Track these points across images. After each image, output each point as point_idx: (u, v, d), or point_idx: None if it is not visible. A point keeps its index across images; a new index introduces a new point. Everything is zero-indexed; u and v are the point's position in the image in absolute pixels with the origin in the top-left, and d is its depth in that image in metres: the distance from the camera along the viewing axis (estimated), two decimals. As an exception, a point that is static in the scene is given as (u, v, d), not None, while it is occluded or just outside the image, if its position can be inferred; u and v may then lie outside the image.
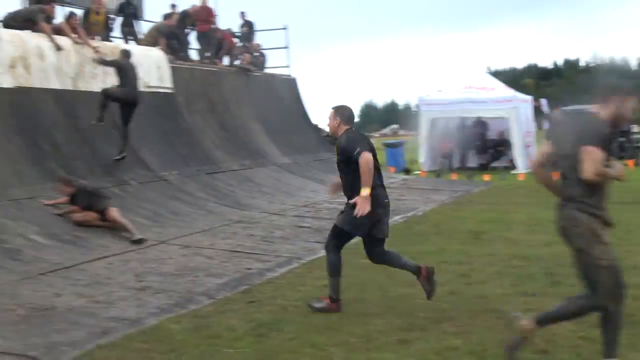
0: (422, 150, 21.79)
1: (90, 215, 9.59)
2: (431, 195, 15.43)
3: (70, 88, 12.25)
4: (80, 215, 9.56)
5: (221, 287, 7.40)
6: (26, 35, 11.91)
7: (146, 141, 13.32)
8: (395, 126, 64.35)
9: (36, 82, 11.59)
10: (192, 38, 18.15)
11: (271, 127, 18.09)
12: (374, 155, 6.18)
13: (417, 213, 12.70)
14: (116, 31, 16.10)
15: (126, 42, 15.71)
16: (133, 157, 12.66)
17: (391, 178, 18.73)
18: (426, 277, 6.25)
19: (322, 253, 9.07)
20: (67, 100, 12.04)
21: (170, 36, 15.78)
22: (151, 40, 15.51)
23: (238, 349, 5.35)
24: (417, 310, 6.26)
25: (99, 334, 5.83)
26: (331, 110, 6.42)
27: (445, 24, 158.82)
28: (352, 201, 6.08)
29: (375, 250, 6.34)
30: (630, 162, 20.00)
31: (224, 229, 10.65)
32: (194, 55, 18.06)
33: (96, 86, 12.50)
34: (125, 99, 12.06)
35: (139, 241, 9.30)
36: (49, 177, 10.60)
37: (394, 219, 11.84)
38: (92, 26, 14.03)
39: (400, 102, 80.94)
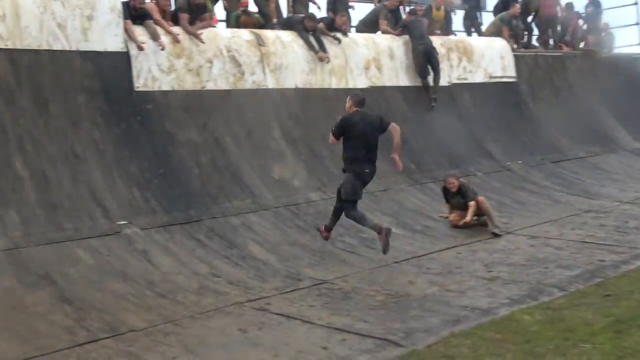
0: None
1: (459, 214, 9.79)
2: None
3: (419, 84, 12.79)
4: (454, 216, 9.85)
5: (573, 279, 7.19)
6: (377, 37, 12.74)
7: (490, 132, 13.40)
8: None
9: (386, 80, 12.32)
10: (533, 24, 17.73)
11: (621, 110, 17.00)
12: (370, 134, 8.09)
13: None
14: (458, 25, 16.38)
15: (469, 35, 15.93)
16: (477, 148, 12.84)
17: None
18: (383, 236, 7.88)
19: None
20: (414, 96, 12.58)
21: (513, 24, 15.65)
22: (494, 30, 15.50)
23: (596, 345, 5.18)
24: None
25: (452, 322, 6.00)
26: (348, 96, 8.45)
27: None
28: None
29: (342, 207, 8.24)
30: None
31: (573, 218, 10.30)
32: (536, 42, 17.67)
33: (443, 80, 12.95)
34: (421, 52, 12.58)
35: (496, 235, 9.35)
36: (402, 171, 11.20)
37: None
38: (433, 22, 14.46)
39: None
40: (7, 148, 7.62)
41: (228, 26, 11.57)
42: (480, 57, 14.14)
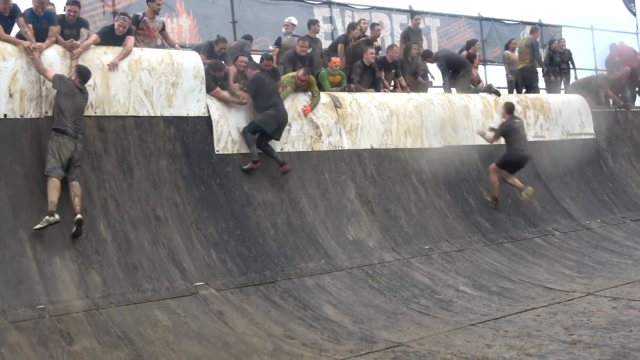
0: None
1: None
2: None
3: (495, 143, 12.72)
4: None
5: (656, 345, 6.96)
6: (453, 96, 12.87)
7: (568, 190, 13.24)
8: None
9: (462, 139, 12.34)
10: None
11: None
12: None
13: None
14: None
15: (548, 91, 15.85)
16: (555, 207, 12.65)
17: None
18: (284, 170, 9.73)
19: None
20: (490, 155, 12.51)
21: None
22: (584, 84, 15.42)
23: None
24: None
25: (531, 388, 5.92)
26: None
27: None
28: None
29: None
30: None
31: (658, 279, 9.98)
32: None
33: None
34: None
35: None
36: (475, 230, 11.13)
37: None
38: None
39: None
40: (92, 211, 7.96)
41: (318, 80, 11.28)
42: (557, 114, 14.03)
